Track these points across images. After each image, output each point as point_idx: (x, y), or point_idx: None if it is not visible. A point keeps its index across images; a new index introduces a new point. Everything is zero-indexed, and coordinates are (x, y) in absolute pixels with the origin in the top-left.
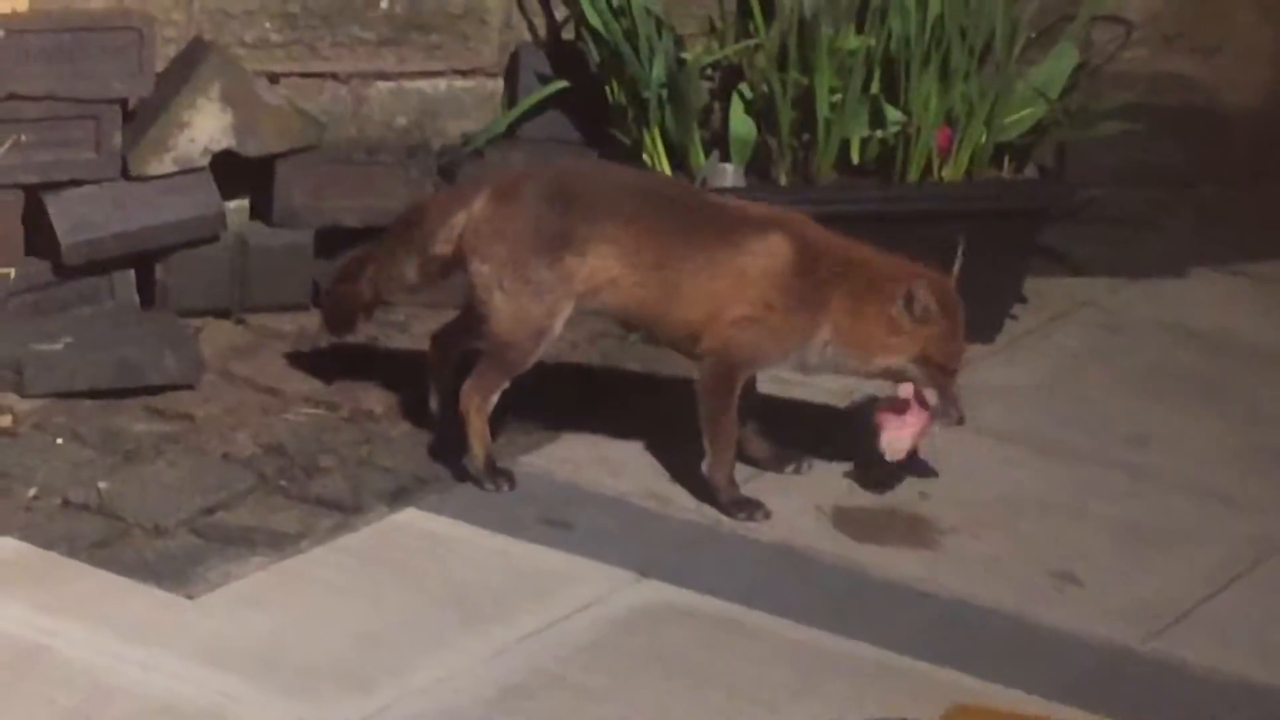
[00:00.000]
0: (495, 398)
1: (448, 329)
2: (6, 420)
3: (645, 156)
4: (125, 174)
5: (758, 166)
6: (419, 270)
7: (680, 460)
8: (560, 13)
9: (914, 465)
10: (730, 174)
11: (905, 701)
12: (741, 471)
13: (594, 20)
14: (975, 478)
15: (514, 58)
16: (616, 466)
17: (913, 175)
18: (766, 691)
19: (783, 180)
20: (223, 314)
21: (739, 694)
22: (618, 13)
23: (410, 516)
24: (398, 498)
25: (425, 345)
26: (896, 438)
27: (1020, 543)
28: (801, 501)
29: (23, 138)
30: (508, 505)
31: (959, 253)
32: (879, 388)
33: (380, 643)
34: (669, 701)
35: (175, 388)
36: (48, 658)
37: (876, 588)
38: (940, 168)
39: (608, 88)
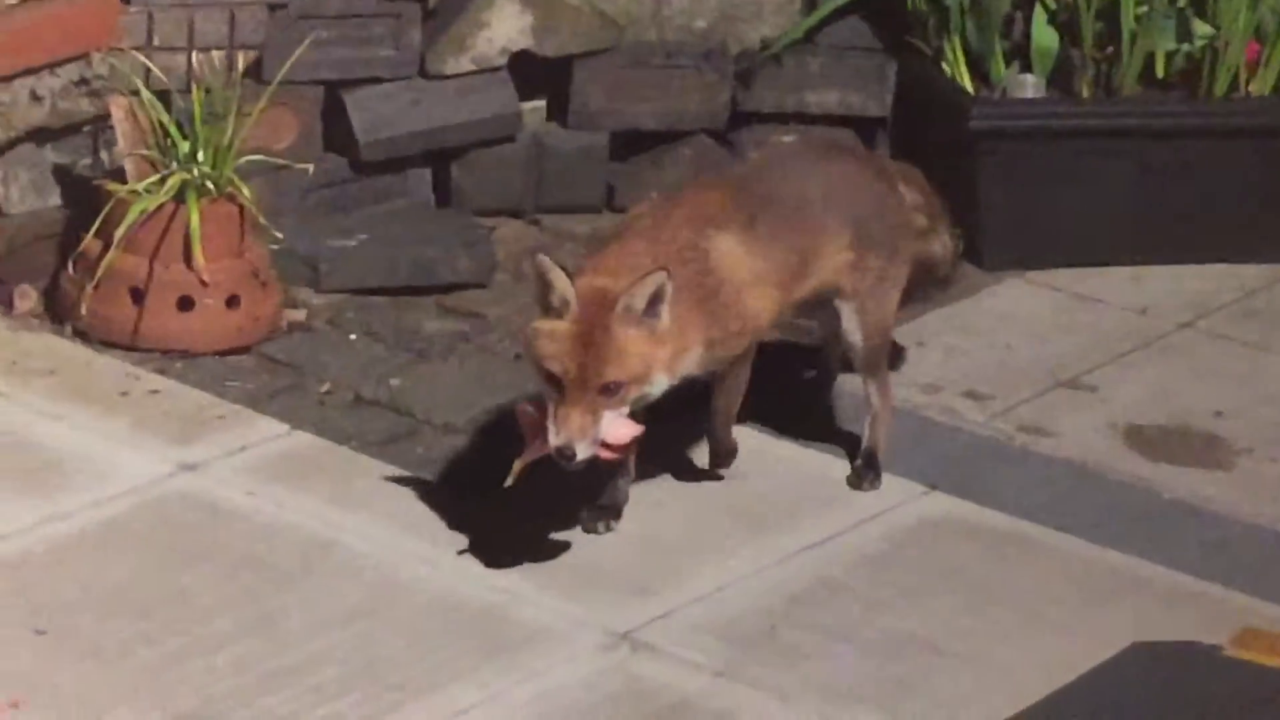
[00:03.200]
0: None
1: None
2: (301, 315)
3: (945, 66)
4: (423, 72)
5: (1059, 78)
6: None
7: (970, 375)
8: None
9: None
10: (1031, 85)
11: (1194, 624)
12: (1035, 384)
13: None
14: (1274, 398)
15: None
16: (905, 378)
17: (1219, 90)
18: (1053, 609)
19: (1085, 93)
20: (516, 214)
21: (1025, 610)
22: None
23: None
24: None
25: None
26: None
27: None
28: (1094, 419)
29: (323, 34)
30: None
31: None
32: None
33: (663, 548)
34: (954, 615)
35: (468, 286)
36: (336, 551)
37: (1168, 508)
38: (1248, 82)
39: None
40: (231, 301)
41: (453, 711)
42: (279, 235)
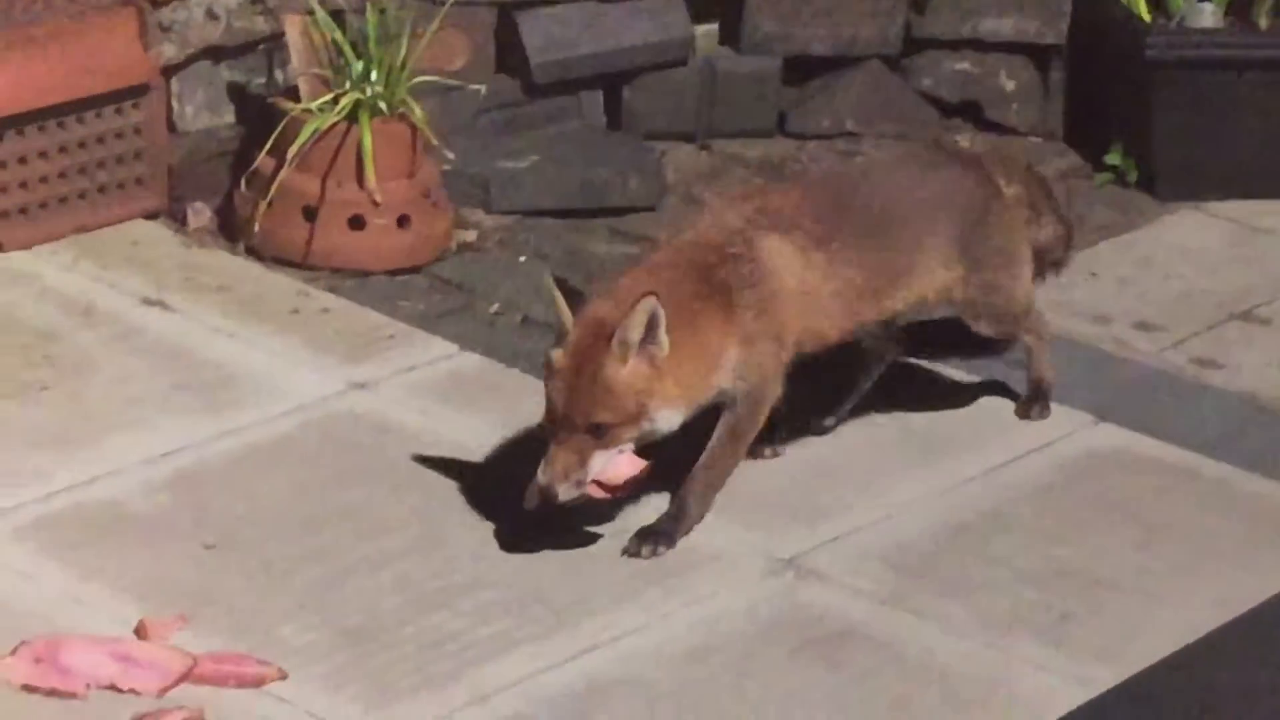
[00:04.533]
0: None
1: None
2: (472, 236)
3: None
4: None
5: (1238, 8)
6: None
7: (1142, 306)
8: None
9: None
10: (1209, 15)
11: None
12: (1208, 317)
13: None
14: None
15: None
16: (1077, 308)
17: None
18: (1222, 543)
19: (1263, 23)
20: (687, 138)
21: (1193, 544)
22: None
23: None
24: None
25: None
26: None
27: None
28: (1267, 352)
29: None
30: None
31: None
32: None
33: (831, 474)
34: (1122, 548)
35: (637, 210)
36: (503, 473)
37: None
38: None
39: None
40: (402, 221)
41: (615, 635)
42: (450, 156)
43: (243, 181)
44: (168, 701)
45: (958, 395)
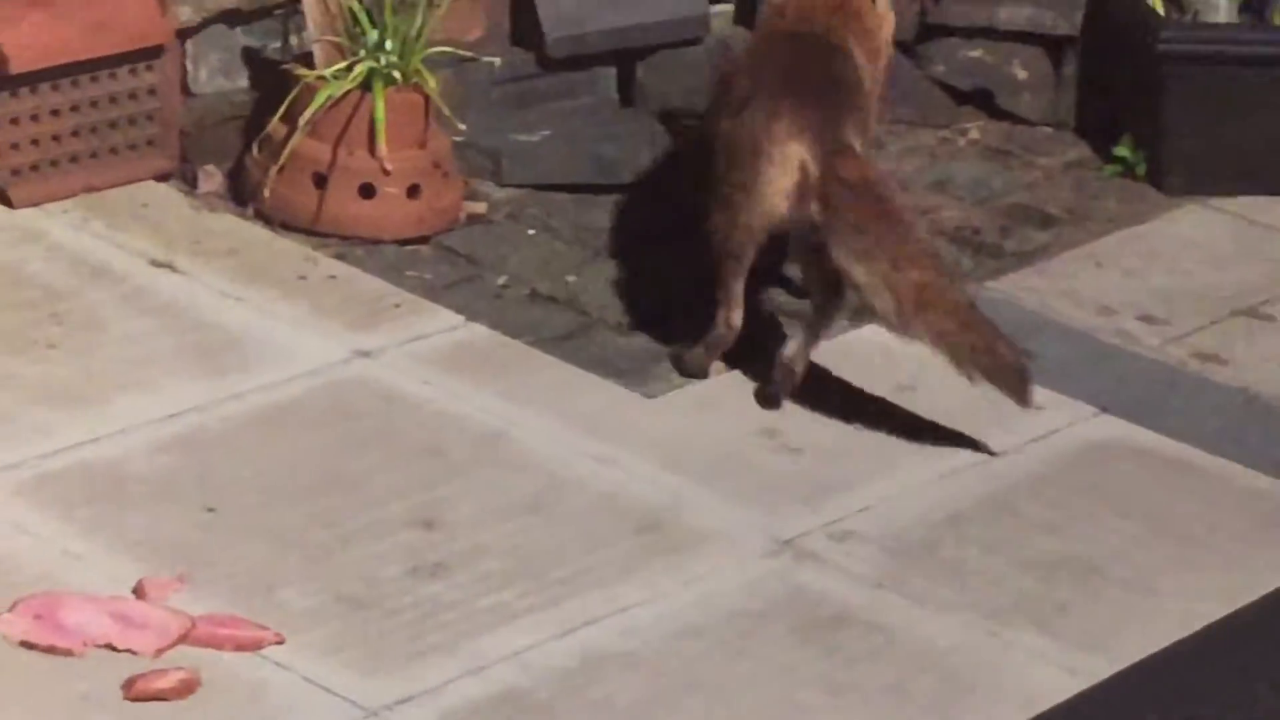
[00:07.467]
0: None
1: None
2: (481, 208)
3: None
4: None
5: (1252, 3)
6: None
7: (1146, 299)
8: None
9: None
10: (1223, 10)
11: None
12: (1212, 312)
13: None
14: None
15: None
16: (1082, 299)
17: None
18: (1220, 539)
19: (1276, 19)
20: (700, 116)
21: (1191, 538)
22: None
23: (870, 333)
24: (859, 315)
25: None
26: None
27: None
28: (1271, 349)
29: None
30: None
31: None
32: None
33: (829, 457)
34: (1119, 540)
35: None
36: (507, 444)
37: None
38: None
39: None
40: (412, 191)
41: (615, 609)
42: (462, 127)
43: (254, 146)
44: (164, 662)
45: (957, 383)
